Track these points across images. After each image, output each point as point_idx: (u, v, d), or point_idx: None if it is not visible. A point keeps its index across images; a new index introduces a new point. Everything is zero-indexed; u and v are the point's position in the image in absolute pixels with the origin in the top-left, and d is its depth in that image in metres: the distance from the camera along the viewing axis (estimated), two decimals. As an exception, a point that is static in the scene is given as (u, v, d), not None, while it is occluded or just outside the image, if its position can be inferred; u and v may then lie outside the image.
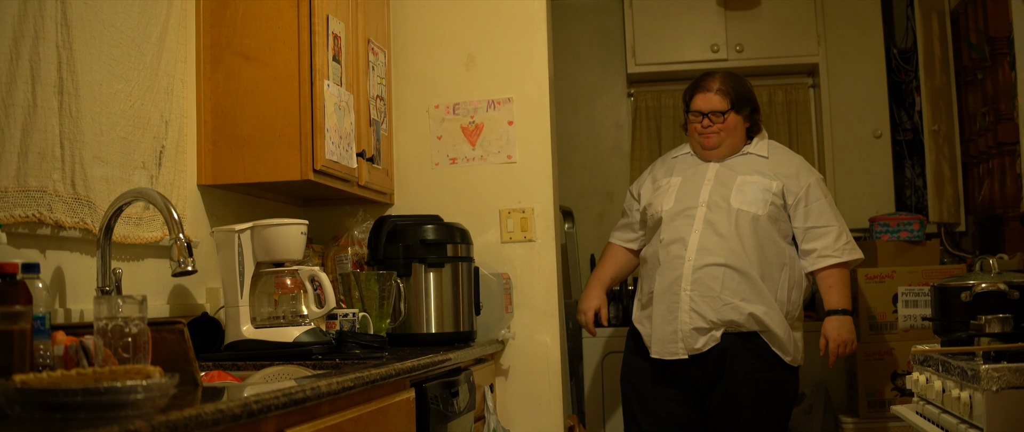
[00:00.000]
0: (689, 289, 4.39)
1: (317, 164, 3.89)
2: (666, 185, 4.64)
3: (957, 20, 6.45)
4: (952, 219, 6.32)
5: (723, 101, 4.55)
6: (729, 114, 4.55)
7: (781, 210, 4.51)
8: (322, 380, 2.55)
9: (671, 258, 4.47)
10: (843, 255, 4.53)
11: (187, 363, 2.43)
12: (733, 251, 4.39)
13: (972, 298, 3.51)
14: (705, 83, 4.61)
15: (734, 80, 4.63)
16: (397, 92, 4.98)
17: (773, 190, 4.49)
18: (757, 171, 4.55)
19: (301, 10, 3.92)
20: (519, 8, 4.97)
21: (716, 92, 4.56)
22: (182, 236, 2.94)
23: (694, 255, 4.41)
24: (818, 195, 4.56)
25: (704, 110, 4.57)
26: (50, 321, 2.24)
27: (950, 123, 6.40)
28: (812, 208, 4.54)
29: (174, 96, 3.70)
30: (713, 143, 4.58)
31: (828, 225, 4.54)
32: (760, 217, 4.43)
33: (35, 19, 2.86)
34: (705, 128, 4.57)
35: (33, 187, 2.84)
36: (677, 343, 4.40)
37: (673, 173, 4.68)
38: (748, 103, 4.61)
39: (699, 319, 4.37)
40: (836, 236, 4.55)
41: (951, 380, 3.42)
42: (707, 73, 4.67)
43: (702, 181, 4.57)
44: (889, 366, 5.61)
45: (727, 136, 4.57)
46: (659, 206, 4.59)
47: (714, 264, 4.39)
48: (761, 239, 4.44)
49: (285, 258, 3.65)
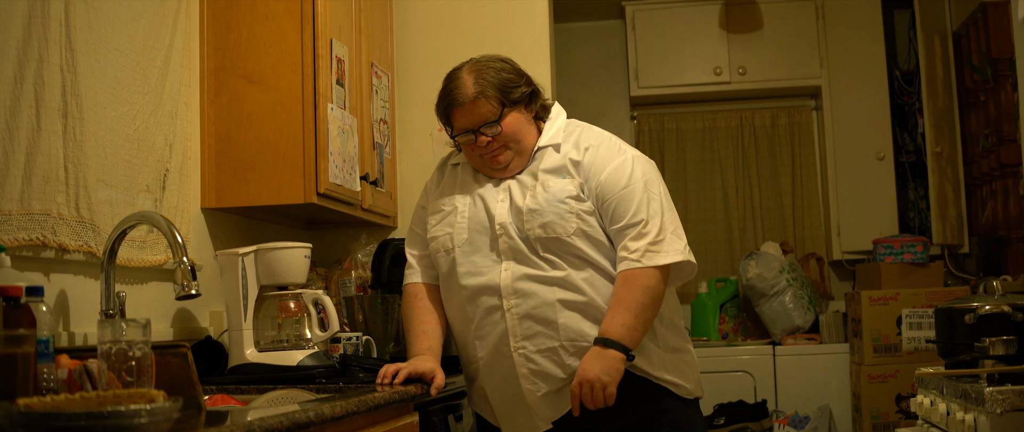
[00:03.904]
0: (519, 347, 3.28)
1: (321, 187, 3.89)
2: (451, 209, 3.44)
3: (959, 42, 6.47)
4: (956, 241, 6.32)
5: (490, 105, 3.29)
6: (505, 116, 3.30)
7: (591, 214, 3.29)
8: (326, 404, 2.54)
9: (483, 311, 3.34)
10: (644, 258, 3.21)
11: (191, 387, 2.42)
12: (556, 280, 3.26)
13: (976, 320, 3.51)
14: (455, 91, 3.32)
15: (485, 70, 3.33)
16: (400, 115, 4.99)
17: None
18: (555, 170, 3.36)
19: (305, 34, 3.93)
20: (522, 32, 4.99)
21: (475, 98, 3.28)
22: (186, 259, 2.94)
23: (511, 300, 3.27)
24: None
25: (472, 127, 3.32)
26: (54, 344, 2.24)
27: (953, 145, 6.41)
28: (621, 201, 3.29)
29: (178, 119, 3.71)
30: (503, 163, 3.35)
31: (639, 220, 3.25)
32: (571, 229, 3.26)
33: (39, 42, 2.86)
34: (486, 149, 3.33)
35: (37, 210, 2.84)
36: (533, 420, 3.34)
37: (455, 190, 3.48)
38: (517, 87, 3.35)
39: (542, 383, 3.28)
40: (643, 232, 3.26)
41: (955, 403, 3.41)
42: (450, 75, 3.39)
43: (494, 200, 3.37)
44: (893, 389, 5.60)
45: (517, 141, 3.33)
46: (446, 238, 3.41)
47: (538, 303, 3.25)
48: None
49: (289, 281, 3.65)
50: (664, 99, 7.16)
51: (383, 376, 3.23)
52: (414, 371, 3.24)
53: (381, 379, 3.22)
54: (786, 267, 6.51)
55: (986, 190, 6.18)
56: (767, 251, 6.63)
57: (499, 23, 5.03)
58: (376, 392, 2.92)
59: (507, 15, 5.06)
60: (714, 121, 7.29)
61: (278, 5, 3.95)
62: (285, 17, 3.95)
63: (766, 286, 6.45)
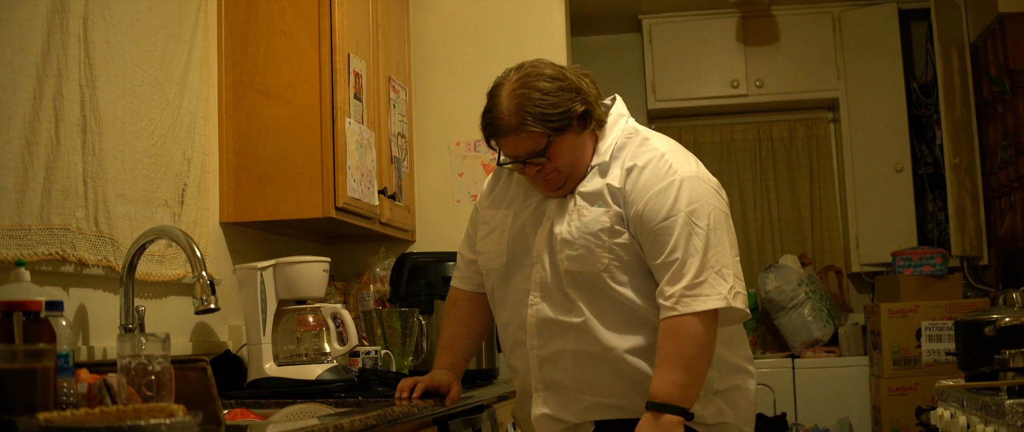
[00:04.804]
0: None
1: (339, 202, 3.90)
2: (497, 224, 3.21)
3: (977, 53, 6.46)
4: (974, 253, 6.30)
5: (534, 140, 2.95)
6: (553, 145, 2.96)
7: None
8: (345, 418, 2.54)
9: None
10: (680, 304, 2.85)
11: (210, 401, 2.42)
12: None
13: (996, 332, 3.49)
14: (496, 121, 2.97)
15: (529, 96, 2.96)
16: (418, 129, 5.00)
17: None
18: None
19: (322, 49, 3.94)
20: (539, 46, 4.98)
21: (517, 131, 2.94)
22: (205, 274, 2.95)
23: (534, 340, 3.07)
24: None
25: (518, 157, 3.00)
26: (74, 359, 2.24)
27: (971, 156, 6.39)
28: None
29: (196, 134, 3.72)
30: (556, 185, 3.03)
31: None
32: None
33: (58, 58, 2.87)
34: (537, 175, 3.02)
35: (56, 225, 2.85)
36: None
37: (503, 202, 3.23)
38: (566, 110, 2.98)
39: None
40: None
41: (976, 415, 3.40)
42: (491, 94, 3.03)
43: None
44: (913, 401, 5.58)
45: (571, 165, 3.01)
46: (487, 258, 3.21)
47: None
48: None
49: (307, 295, 3.65)
50: (681, 112, 7.16)
51: (401, 390, 3.19)
52: (431, 384, 3.20)
53: (399, 393, 3.19)
54: (805, 280, 6.50)
55: (1005, 202, 6.16)
56: (785, 264, 6.62)
57: (516, 37, 5.04)
58: (395, 406, 2.92)
59: (524, 29, 5.07)
60: (731, 134, 7.28)
61: (295, 20, 3.96)
62: (302, 32, 3.96)
63: (785, 299, 6.44)
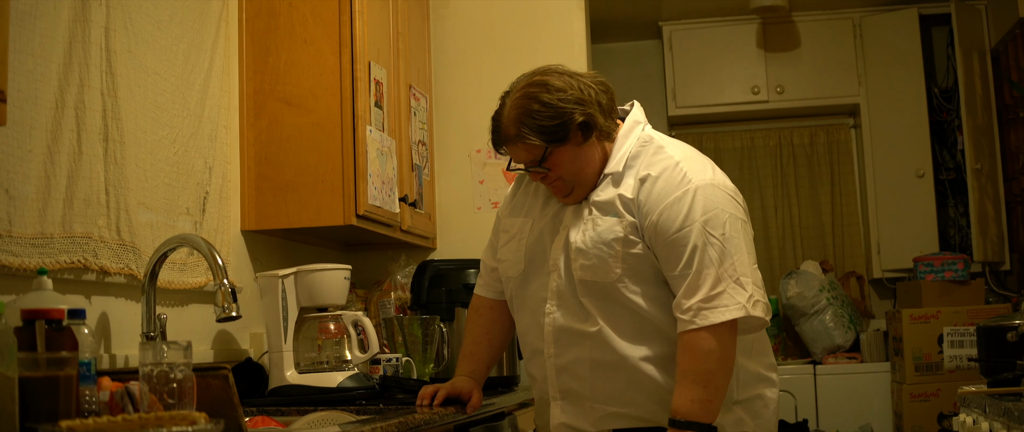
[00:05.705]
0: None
1: (360, 209, 3.90)
2: (517, 232, 3.20)
3: (998, 59, 6.43)
4: (996, 258, 6.27)
5: (531, 151, 2.97)
6: (552, 155, 2.96)
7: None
8: (366, 426, 2.55)
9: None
10: (698, 318, 2.82)
11: (232, 409, 2.43)
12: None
13: (1018, 338, 3.48)
14: (499, 128, 3.03)
15: (529, 107, 2.95)
16: (439, 137, 5.00)
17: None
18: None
19: (343, 57, 3.95)
20: (559, 53, 4.98)
21: (515, 141, 2.97)
22: (226, 282, 2.95)
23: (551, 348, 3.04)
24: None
25: (521, 164, 3.06)
26: (96, 367, 2.25)
27: (993, 161, 6.37)
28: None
29: (218, 142, 3.73)
30: (564, 193, 3.03)
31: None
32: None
33: (80, 67, 2.89)
34: (544, 182, 3.05)
35: (78, 233, 2.86)
36: None
37: (523, 210, 3.22)
38: (564, 122, 2.94)
39: None
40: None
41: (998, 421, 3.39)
42: (501, 101, 3.07)
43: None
44: (935, 407, 5.56)
45: (574, 174, 3.00)
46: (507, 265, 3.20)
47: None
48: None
49: (328, 303, 3.66)
50: (702, 118, 7.16)
51: (422, 398, 3.18)
52: (452, 391, 3.20)
53: (420, 401, 3.18)
54: (826, 286, 6.48)
55: (1027, 207, 6.14)
56: (807, 270, 6.61)
57: (536, 44, 5.04)
58: (416, 414, 2.92)
59: (544, 36, 5.07)
60: (752, 140, 7.27)
61: (316, 29, 3.97)
62: (323, 41, 3.97)
63: (806, 305, 6.43)
